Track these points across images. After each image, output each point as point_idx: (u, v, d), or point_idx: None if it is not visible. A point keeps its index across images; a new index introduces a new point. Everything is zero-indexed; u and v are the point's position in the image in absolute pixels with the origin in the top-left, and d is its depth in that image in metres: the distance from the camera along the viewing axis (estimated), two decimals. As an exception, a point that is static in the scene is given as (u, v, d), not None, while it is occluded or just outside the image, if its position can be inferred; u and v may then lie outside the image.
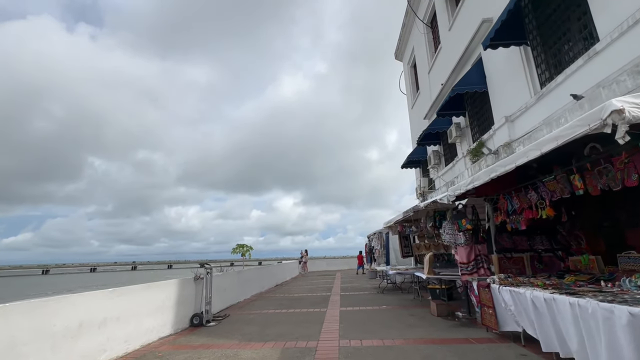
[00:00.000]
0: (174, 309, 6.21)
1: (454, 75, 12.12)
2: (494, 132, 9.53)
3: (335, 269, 25.34)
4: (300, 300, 9.62)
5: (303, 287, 13.54)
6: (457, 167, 12.67)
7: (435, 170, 15.60)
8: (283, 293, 11.51)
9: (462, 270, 6.34)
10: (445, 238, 6.42)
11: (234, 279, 9.46)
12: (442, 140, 15.11)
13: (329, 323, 6.30)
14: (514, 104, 8.60)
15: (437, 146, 15.40)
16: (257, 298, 10.41)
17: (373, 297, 9.65)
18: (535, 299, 3.82)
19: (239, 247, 14.58)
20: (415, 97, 18.99)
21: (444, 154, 14.91)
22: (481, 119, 11.21)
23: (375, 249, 15.35)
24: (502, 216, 5.28)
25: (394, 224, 9.17)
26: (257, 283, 11.84)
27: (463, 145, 12.40)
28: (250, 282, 10.94)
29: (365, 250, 19.87)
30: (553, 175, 4.21)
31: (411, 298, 9.04)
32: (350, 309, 7.84)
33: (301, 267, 22.09)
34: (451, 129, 12.49)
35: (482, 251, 6.48)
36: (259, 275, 12.24)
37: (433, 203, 6.19)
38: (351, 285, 13.38)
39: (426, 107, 16.18)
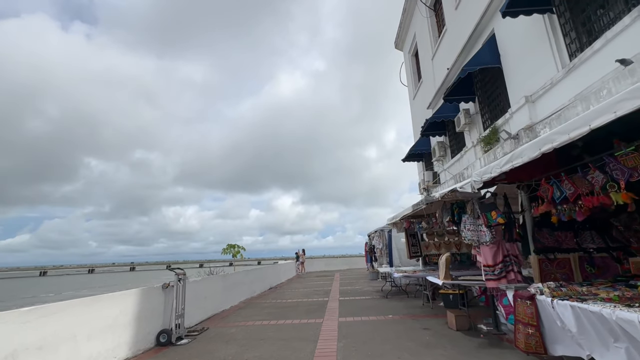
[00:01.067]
0: (133, 325, 4.94)
1: (462, 56, 10.86)
2: (510, 115, 8.30)
3: (334, 269, 24.09)
4: (294, 307, 8.36)
5: (298, 290, 12.28)
6: (466, 158, 11.42)
7: (441, 163, 14.38)
8: (276, 298, 10.25)
9: (487, 274, 5.09)
10: (466, 235, 5.17)
11: (217, 285, 8.19)
12: (447, 130, 13.88)
13: (325, 341, 5.05)
14: (535, 82, 7.40)
15: (442, 137, 14.16)
16: (245, 305, 9.15)
17: (376, 303, 8.40)
18: (621, 322, 2.59)
19: (229, 247, 13.31)
20: (417, 87, 17.76)
21: (450, 145, 13.67)
22: (493, 103, 9.97)
23: (377, 249, 14.11)
24: (545, 206, 4.04)
25: (400, 220, 7.94)
26: (247, 287, 10.57)
27: (472, 133, 11.16)
28: (238, 286, 9.67)
29: (365, 249, 18.62)
30: (633, 146, 2.97)
31: (420, 305, 7.79)
32: (350, 319, 6.59)
33: (298, 266, 20.84)
34: (459, 116, 11.23)
35: (512, 251, 5.23)
36: (249, 279, 10.97)
37: (451, 192, 4.95)
38: (351, 288, 12.12)
39: (429, 95, 14.95)
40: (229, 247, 13.39)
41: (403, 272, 7.74)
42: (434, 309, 7.24)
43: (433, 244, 8.21)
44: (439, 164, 14.52)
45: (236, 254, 13.37)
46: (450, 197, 5.22)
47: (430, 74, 15.25)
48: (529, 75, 7.70)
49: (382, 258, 14.28)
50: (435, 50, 14.15)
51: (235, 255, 13.40)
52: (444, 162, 14.07)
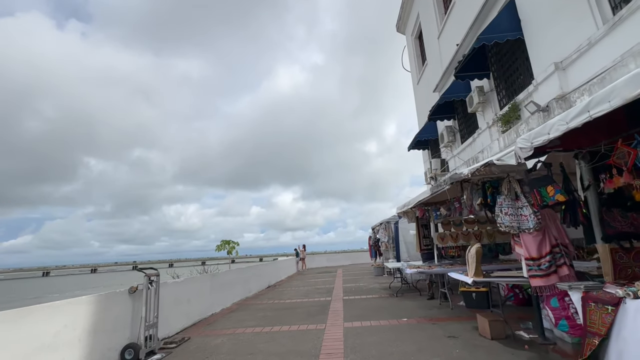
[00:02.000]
0: (86, 341, 3.85)
1: (474, 29, 9.67)
2: (535, 87, 7.19)
3: (336, 264, 23.04)
4: (292, 309, 7.28)
5: (299, 288, 11.21)
6: (480, 141, 10.28)
7: (449, 149, 13.24)
8: (273, 298, 9.17)
9: (531, 269, 4.00)
10: (503, 221, 4.06)
11: (203, 285, 7.10)
12: (457, 113, 12.73)
13: (328, 358, 3.96)
14: (565, 46, 6.29)
15: (450, 121, 13.01)
16: (238, 307, 8.08)
17: (385, 303, 7.32)
18: None
19: (223, 243, 12.22)
20: (421, 71, 16.58)
21: (460, 129, 12.53)
22: (512, 77, 8.83)
23: (382, 242, 13.01)
24: (625, 177, 2.93)
25: (412, 208, 6.84)
26: (242, 286, 9.50)
27: (487, 113, 10.03)
28: (231, 286, 8.59)
29: (369, 243, 17.54)
30: None
31: (437, 304, 6.70)
32: (358, 324, 5.50)
33: (298, 262, 19.77)
34: (472, 95, 10.07)
35: (560, 239, 4.14)
36: (244, 277, 9.89)
37: (485, 167, 3.83)
38: (356, 285, 11.04)
39: (435, 78, 13.79)
40: (223, 243, 12.30)
41: (416, 268, 6.64)
42: (454, 309, 6.15)
43: (449, 234, 7.11)
44: (447, 151, 13.39)
45: (231, 250, 12.29)
46: (482, 174, 4.11)
47: (436, 55, 14.07)
48: (558, 40, 6.59)
49: (388, 252, 13.18)
50: (442, 28, 12.96)
51: (230, 251, 12.31)
52: (453, 148, 12.94)
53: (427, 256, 7.49)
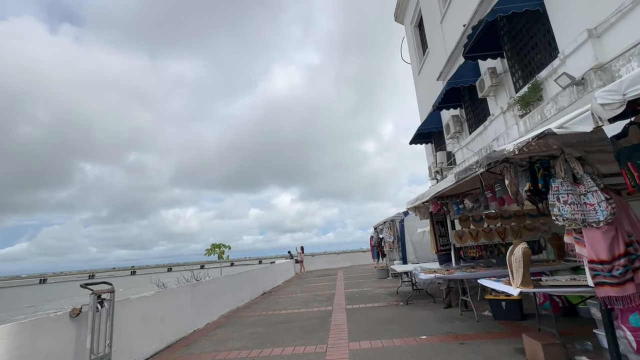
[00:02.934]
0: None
1: (484, 4, 8.64)
2: (562, 61, 6.15)
3: (336, 266, 21.93)
4: (288, 323, 6.18)
5: (296, 296, 10.10)
6: (493, 129, 9.25)
7: (456, 140, 12.20)
8: (267, 309, 8.06)
9: (599, 275, 2.94)
10: (563, 212, 3.00)
11: (182, 298, 5.97)
12: (463, 102, 11.70)
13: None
14: (600, 9, 5.27)
15: (457, 110, 11.98)
16: (227, 320, 6.97)
17: (396, 313, 6.23)
18: None
19: (213, 247, 11.08)
20: (422, 61, 15.57)
21: (467, 118, 11.50)
22: (529, 55, 7.80)
23: (386, 242, 11.94)
24: None
25: (426, 203, 5.78)
26: (231, 295, 8.38)
27: (500, 98, 9.00)
28: (218, 296, 7.48)
29: (370, 243, 16.46)
30: None
31: (457, 314, 5.63)
32: (367, 345, 4.41)
33: (297, 260, 18.63)
34: (482, 78, 9.03)
35: (636, 235, 3.08)
36: (234, 284, 8.77)
37: (539, 139, 2.76)
38: (359, 290, 9.95)
39: (438, 66, 12.77)
40: (212, 247, 11.16)
41: (432, 273, 5.55)
42: (480, 322, 5.07)
43: (468, 232, 6.04)
44: (454, 142, 12.34)
45: (221, 254, 11.15)
46: (532, 151, 3.04)
47: (439, 41, 13.06)
48: (590, 4, 5.56)
49: (393, 253, 12.11)
50: (445, 11, 11.93)
51: (221, 255, 11.18)
52: (460, 139, 11.90)
53: (444, 258, 6.42)
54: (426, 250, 10.18)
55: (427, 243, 10.24)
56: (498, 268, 5.38)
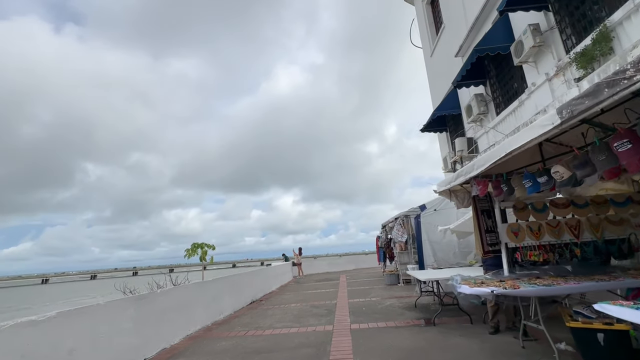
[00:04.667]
0: None
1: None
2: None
3: (338, 269, 19.93)
4: (268, 354, 4.27)
5: (289, 307, 8.17)
6: (533, 102, 7.37)
7: (478, 124, 10.29)
8: (247, 327, 6.14)
9: None
10: None
11: (118, 317, 4.07)
12: (489, 78, 9.81)
13: None
14: None
15: (479, 87, 10.07)
16: (191, 343, 5.07)
17: (423, 341, 4.31)
18: None
19: (194, 247, 9.20)
20: (435, 40, 13.70)
21: (494, 96, 9.60)
22: (585, 4, 5.97)
23: (396, 242, 9.99)
24: None
25: (463, 185, 3.87)
26: (205, 308, 6.49)
27: (543, 62, 7.12)
28: (181, 311, 5.58)
29: (376, 244, 14.49)
30: None
31: (517, 347, 3.70)
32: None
33: (295, 263, 16.67)
34: (522, 39, 7.16)
35: None
36: (210, 294, 6.87)
37: None
38: (366, 301, 8.00)
39: (457, 40, 10.93)
40: (194, 247, 9.29)
41: (480, 285, 3.63)
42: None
43: (527, 227, 4.12)
44: (476, 127, 10.43)
45: (204, 255, 9.27)
46: None
47: (457, 12, 11.21)
48: None
49: (405, 255, 10.15)
50: (467, -26, 10.05)
51: (204, 257, 9.30)
52: (484, 122, 9.98)
53: (491, 262, 4.49)
54: (448, 252, 8.25)
55: (448, 243, 8.31)
56: (584, 279, 3.45)
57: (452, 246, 8.20)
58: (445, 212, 8.41)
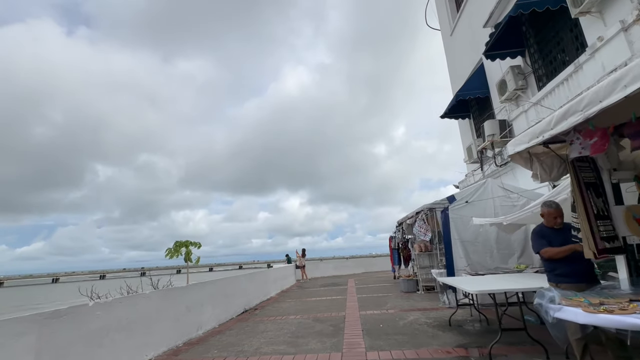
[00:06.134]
0: None
1: None
2: None
3: (346, 273, 18.21)
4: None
5: (287, 320, 6.54)
6: (599, 63, 5.64)
7: (513, 103, 8.59)
8: (227, 350, 4.54)
9: None
10: None
11: (11, 346, 2.51)
12: (528, 46, 8.12)
13: None
14: None
15: (517, 58, 8.37)
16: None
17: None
18: None
19: (177, 246, 7.65)
20: (456, 17, 12.03)
21: (535, 67, 7.90)
22: None
23: (417, 242, 8.30)
24: None
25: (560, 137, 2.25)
26: (174, 323, 4.91)
27: (612, 9, 5.40)
28: (136, 329, 4.01)
29: (389, 246, 12.78)
30: None
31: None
32: None
33: (298, 266, 15.03)
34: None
35: None
36: (184, 304, 5.28)
37: None
38: (382, 314, 6.33)
39: (484, 11, 9.31)
40: (176, 246, 7.73)
41: (598, 308, 2.00)
42: None
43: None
44: (510, 106, 8.72)
45: (189, 255, 7.71)
46: None
47: (485, -24, 9.54)
48: None
49: (426, 258, 8.44)
50: None
51: (188, 257, 7.74)
52: (521, 100, 8.29)
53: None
54: (483, 253, 6.54)
55: (484, 243, 6.59)
56: None
57: (489, 246, 6.49)
58: (479, 205, 6.71)
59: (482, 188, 6.81)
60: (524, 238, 6.56)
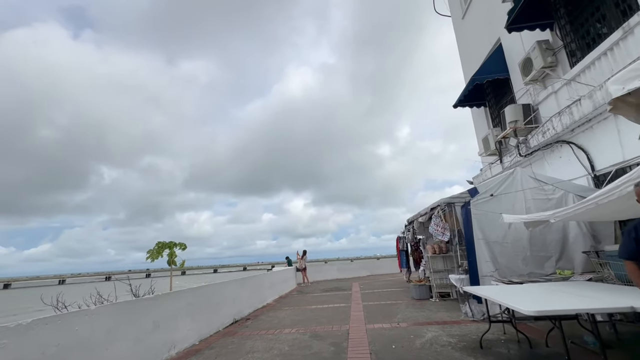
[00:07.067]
0: None
1: None
2: None
3: (350, 276, 17.11)
4: None
5: (279, 337, 5.50)
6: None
7: (540, 84, 7.51)
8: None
9: None
10: None
11: None
12: (558, 17, 7.04)
13: None
14: None
15: (545, 31, 7.28)
16: None
17: None
18: None
19: (159, 247, 6.65)
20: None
21: (567, 41, 6.82)
22: None
23: (434, 242, 7.22)
24: None
25: None
26: (137, 344, 3.90)
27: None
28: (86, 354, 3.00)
29: (397, 247, 11.67)
30: None
31: None
32: None
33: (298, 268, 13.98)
34: None
35: None
36: (153, 317, 4.27)
37: None
38: (393, 329, 5.26)
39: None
40: (158, 247, 6.74)
41: None
42: None
43: None
44: (535, 88, 7.63)
45: (172, 258, 6.71)
46: None
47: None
48: None
49: (440, 261, 7.34)
50: None
51: (172, 259, 6.74)
52: (548, 80, 7.20)
53: None
54: (514, 256, 5.43)
55: (515, 244, 5.48)
56: None
57: (521, 248, 5.39)
58: (507, 198, 5.62)
59: (510, 178, 5.71)
60: (561, 238, 5.45)
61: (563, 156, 6.61)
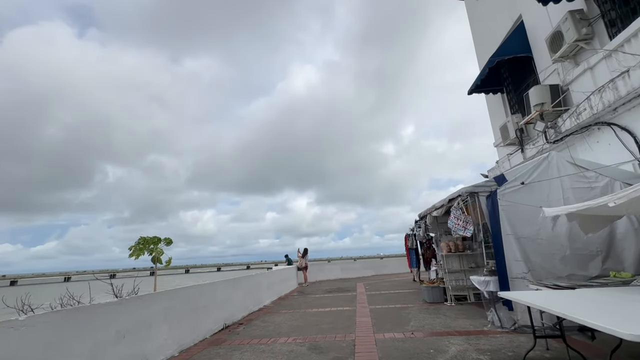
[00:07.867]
0: None
1: None
2: None
3: (353, 276, 16.26)
4: None
5: (273, 349, 4.67)
6: None
7: (571, 61, 6.60)
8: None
9: None
10: None
11: None
12: (595, -20, 6.07)
13: None
14: None
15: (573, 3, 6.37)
16: None
17: None
18: None
19: (142, 243, 5.88)
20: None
21: (606, 9, 5.90)
22: None
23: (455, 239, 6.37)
24: None
25: None
26: (112, 354, 3.11)
27: None
28: None
29: (406, 245, 10.79)
30: None
31: None
32: None
33: (299, 267, 13.17)
34: None
35: None
36: (117, 326, 3.48)
37: None
38: (407, 340, 4.42)
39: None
40: (141, 243, 5.97)
41: None
42: None
43: None
44: (564, 66, 6.74)
45: (157, 255, 5.92)
46: None
47: None
48: None
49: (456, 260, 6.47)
50: None
51: (158, 257, 5.96)
52: (582, 56, 6.29)
53: None
54: (551, 256, 4.55)
55: (553, 240, 4.60)
56: None
57: (559, 245, 4.52)
58: (540, 187, 4.74)
59: (545, 164, 4.83)
60: (607, 234, 4.56)
61: (601, 140, 5.71)
